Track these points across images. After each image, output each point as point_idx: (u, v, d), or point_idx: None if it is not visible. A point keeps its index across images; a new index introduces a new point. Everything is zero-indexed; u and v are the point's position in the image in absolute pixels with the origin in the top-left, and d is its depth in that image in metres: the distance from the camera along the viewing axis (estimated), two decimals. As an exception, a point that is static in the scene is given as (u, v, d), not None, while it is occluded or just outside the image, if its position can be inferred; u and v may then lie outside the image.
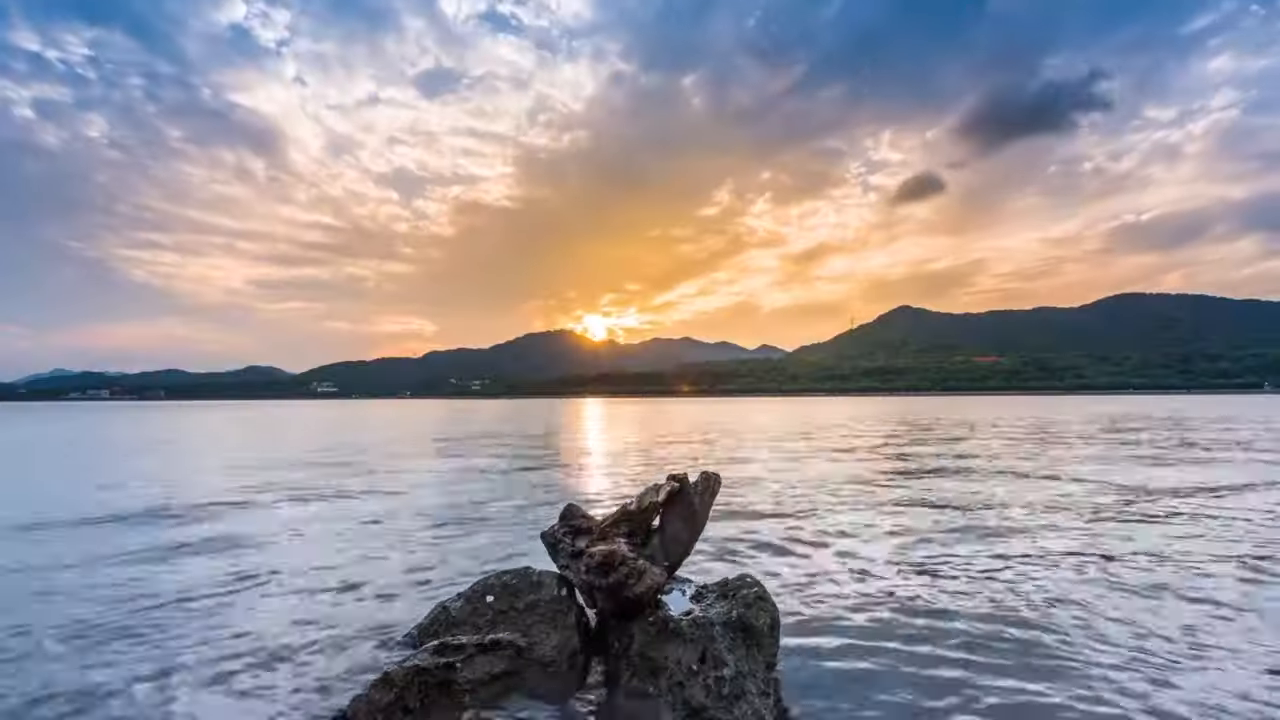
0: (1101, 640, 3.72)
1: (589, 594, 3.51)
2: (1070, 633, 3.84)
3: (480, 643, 3.17)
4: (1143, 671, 3.32)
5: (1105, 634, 3.81)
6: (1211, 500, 8.21)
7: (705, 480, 3.73)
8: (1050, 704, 3.00)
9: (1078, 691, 3.11)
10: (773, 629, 3.28)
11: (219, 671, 3.35)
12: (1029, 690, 3.13)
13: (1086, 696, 3.07)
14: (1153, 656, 3.50)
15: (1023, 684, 3.20)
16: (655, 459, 14.00)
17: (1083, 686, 3.16)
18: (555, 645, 3.34)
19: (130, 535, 6.69)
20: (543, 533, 3.92)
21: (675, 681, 2.89)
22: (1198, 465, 11.92)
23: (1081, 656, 3.51)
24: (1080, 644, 3.67)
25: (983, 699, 3.06)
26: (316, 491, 9.62)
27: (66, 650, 3.64)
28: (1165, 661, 3.44)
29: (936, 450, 15.32)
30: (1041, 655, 3.53)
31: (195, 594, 4.66)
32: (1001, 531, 6.49)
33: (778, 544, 6.05)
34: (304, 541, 6.36)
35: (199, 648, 3.66)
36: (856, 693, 3.13)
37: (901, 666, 3.40)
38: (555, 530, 3.86)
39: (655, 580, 3.18)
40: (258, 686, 3.18)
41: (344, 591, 4.70)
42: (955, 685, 3.19)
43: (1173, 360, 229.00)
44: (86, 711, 2.96)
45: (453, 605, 3.57)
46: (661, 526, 3.61)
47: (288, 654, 3.57)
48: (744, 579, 3.48)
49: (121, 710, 2.97)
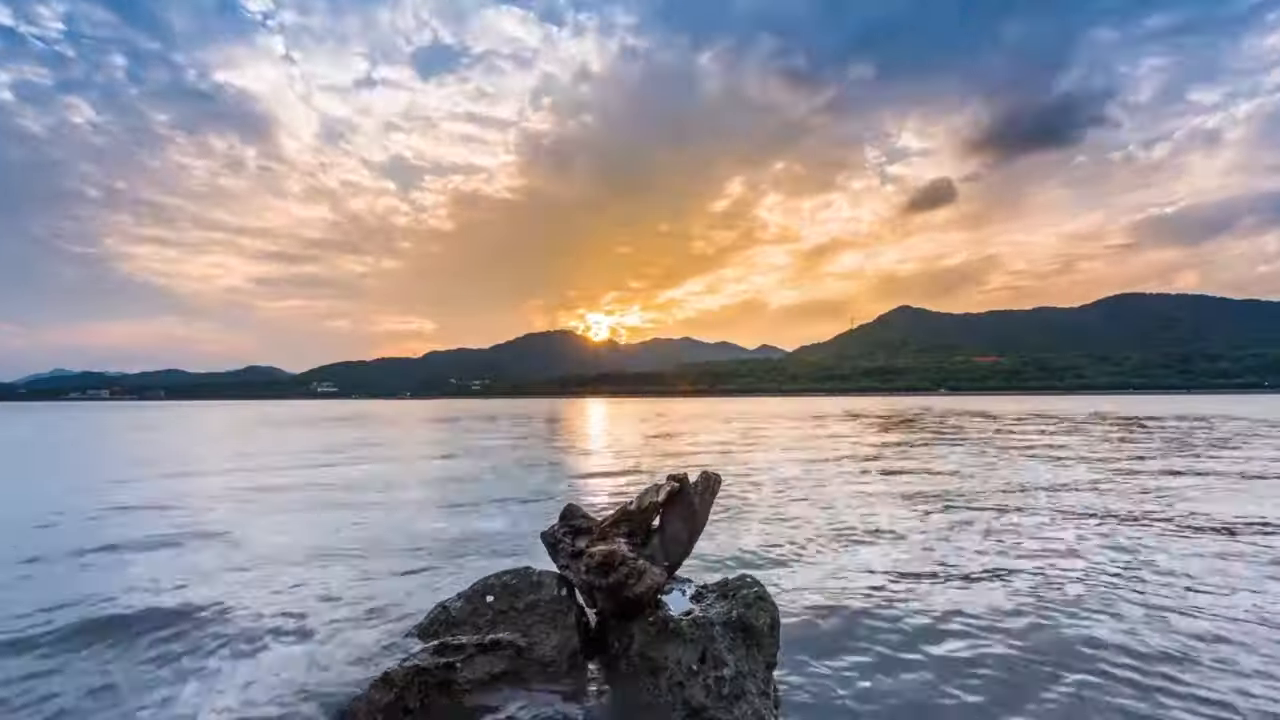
0: (1109, 646, 3.72)
1: (589, 594, 3.51)
2: (1076, 634, 3.84)
3: (480, 643, 3.17)
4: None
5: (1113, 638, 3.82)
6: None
7: (705, 480, 3.73)
8: (1054, 701, 3.00)
9: (1091, 693, 3.12)
10: (773, 629, 3.28)
11: (218, 672, 3.35)
12: (1031, 690, 3.14)
13: (1098, 701, 3.07)
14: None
15: (1025, 684, 3.20)
16: (673, 451, 14.04)
17: (1097, 688, 3.17)
18: (555, 645, 3.34)
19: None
20: (543, 533, 3.92)
21: (675, 681, 2.90)
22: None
23: (1091, 659, 3.51)
24: (1089, 646, 3.68)
25: (985, 699, 3.06)
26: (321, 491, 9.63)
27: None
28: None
29: (945, 447, 15.33)
30: (1041, 655, 3.54)
31: (196, 593, 4.66)
32: (1011, 529, 6.49)
33: (778, 543, 6.05)
34: (295, 537, 6.36)
35: (198, 647, 3.67)
36: (856, 693, 3.13)
37: (902, 667, 3.40)
38: (555, 530, 3.86)
39: (655, 580, 3.19)
40: (257, 686, 3.18)
41: (343, 591, 4.70)
42: (955, 685, 3.19)
43: (1173, 360, 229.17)
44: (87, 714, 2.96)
45: (453, 605, 3.57)
46: (661, 526, 3.61)
47: (287, 654, 3.57)
48: (744, 579, 3.47)
49: (108, 709, 2.97)
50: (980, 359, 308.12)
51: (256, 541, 6.35)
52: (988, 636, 3.79)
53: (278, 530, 6.87)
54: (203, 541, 6.36)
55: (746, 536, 6.31)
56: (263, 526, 7.08)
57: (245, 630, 3.92)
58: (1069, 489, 9.15)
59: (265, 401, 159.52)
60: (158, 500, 8.87)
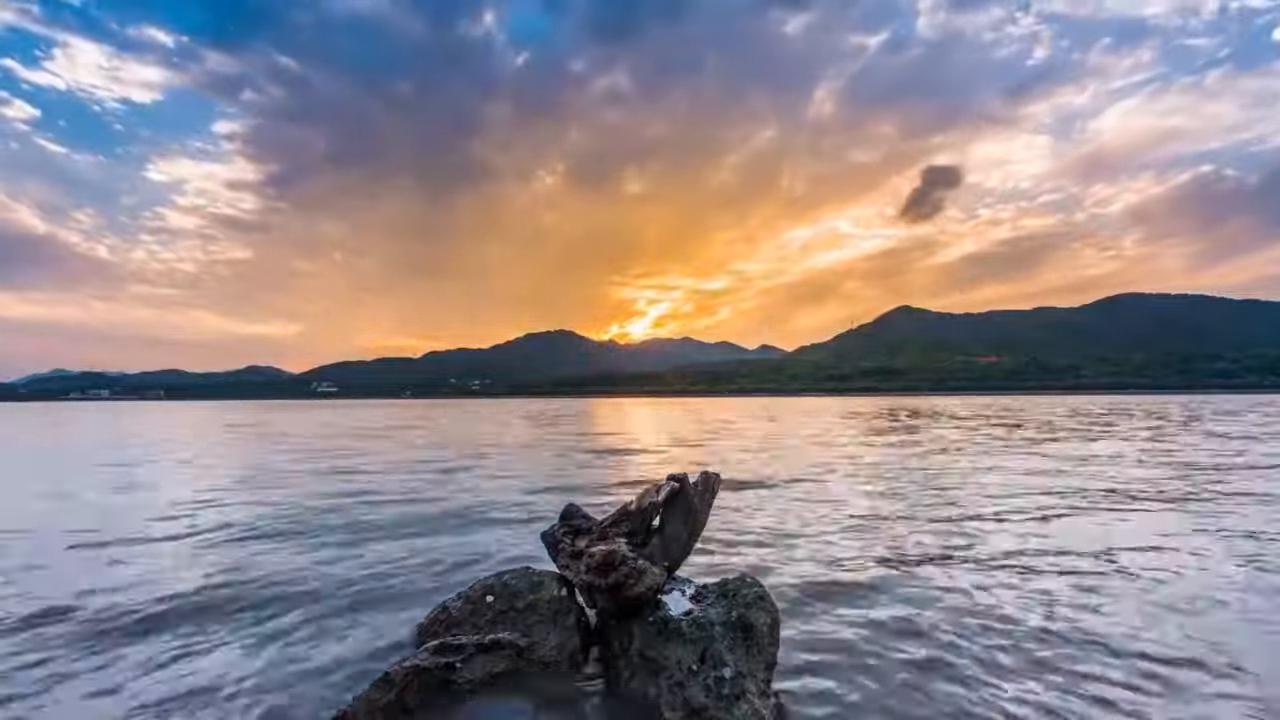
0: (1108, 645, 3.73)
1: (589, 594, 3.51)
2: (1074, 635, 3.84)
3: (480, 643, 3.17)
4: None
5: (1115, 637, 3.82)
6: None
7: (705, 480, 3.74)
8: (1054, 705, 3.00)
9: (1091, 693, 3.11)
10: (773, 629, 3.28)
11: (216, 671, 3.35)
12: (1033, 689, 3.14)
13: (1101, 700, 3.07)
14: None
15: (1028, 684, 3.20)
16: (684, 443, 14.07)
17: (1096, 694, 3.16)
18: (555, 645, 3.34)
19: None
20: (543, 533, 3.93)
21: (675, 681, 2.90)
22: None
23: (1099, 659, 3.51)
24: (1090, 646, 3.68)
25: (985, 699, 3.06)
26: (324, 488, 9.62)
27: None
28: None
29: (954, 445, 15.34)
30: (1044, 655, 3.53)
31: (194, 595, 4.66)
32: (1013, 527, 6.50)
33: (777, 542, 6.05)
34: (301, 539, 6.37)
35: (196, 648, 3.67)
36: (856, 693, 3.13)
37: (904, 667, 3.40)
38: (555, 530, 3.86)
39: (655, 580, 3.19)
40: (257, 686, 3.18)
41: (342, 591, 4.70)
42: (957, 685, 3.19)
43: (1173, 360, 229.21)
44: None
45: (453, 605, 3.57)
46: (661, 526, 3.61)
47: (286, 653, 3.57)
48: (744, 579, 3.48)
49: (106, 712, 2.98)
50: (980, 359, 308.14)
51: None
52: (993, 637, 3.79)
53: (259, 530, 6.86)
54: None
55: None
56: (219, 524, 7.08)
57: (241, 628, 3.92)
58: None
59: (267, 401, 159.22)
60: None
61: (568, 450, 15.91)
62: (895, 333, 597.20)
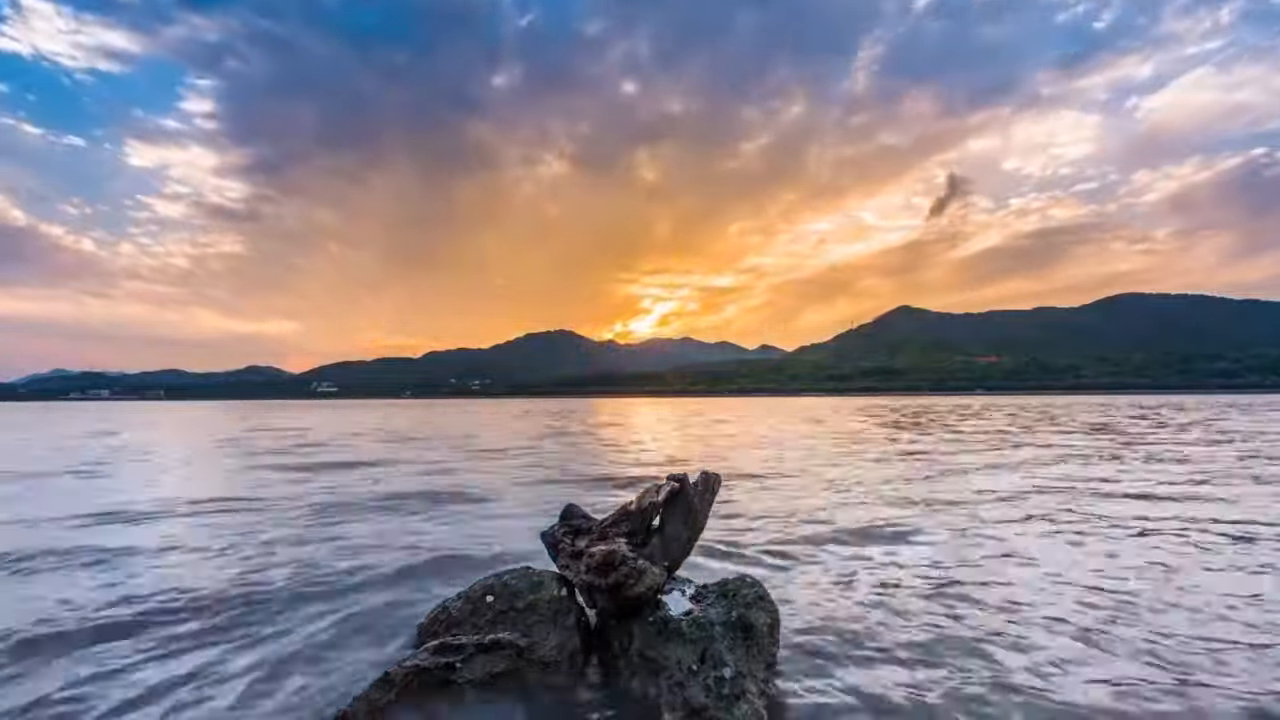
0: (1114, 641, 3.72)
1: (589, 594, 3.51)
2: (1078, 629, 3.84)
3: (480, 643, 3.17)
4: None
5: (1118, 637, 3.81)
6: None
7: (705, 480, 3.74)
8: (1056, 704, 3.00)
9: (1089, 693, 3.12)
10: (773, 629, 3.28)
11: (216, 673, 3.35)
12: (1034, 689, 3.14)
13: (1113, 696, 3.07)
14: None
15: (1029, 684, 3.20)
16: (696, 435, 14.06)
17: (1112, 689, 3.17)
18: (555, 645, 3.34)
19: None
20: (543, 533, 3.92)
21: (675, 681, 2.90)
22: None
23: (1102, 655, 3.51)
24: (1090, 643, 3.67)
25: (985, 700, 3.06)
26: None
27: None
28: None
29: (957, 445, 15.33)
30: (1044, 656, 3.53)
31: (194, 597, 4.66)
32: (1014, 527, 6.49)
33: (777, 540, 6.04)
34: (299, 538, 6.36)
35: (194, 649, 3.67)
36: (856, 693, 3.13)
37: (904, 668, 3.40)
38: (555, 530, 3.86)
39: (655, 580, 3.19)
40: (256, 686, 3.18)
41: (341, 590, 4.70)
42: (956, 685, 3.19)
43: (1173, 360, 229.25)
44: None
45: (453, 605, 3.57)
46: (661, 526, 3.61)
47: (286, 653, 3.57)
48: (744, 579, 3.48)
49: (103, 709, 2.98)
50: (980, 359, 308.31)
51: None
52: (993, 638, 3.79)
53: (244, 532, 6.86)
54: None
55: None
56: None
57: (240, 629, 3.92)
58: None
59: (267, 401, 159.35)
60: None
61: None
62: (895, 333, 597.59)
